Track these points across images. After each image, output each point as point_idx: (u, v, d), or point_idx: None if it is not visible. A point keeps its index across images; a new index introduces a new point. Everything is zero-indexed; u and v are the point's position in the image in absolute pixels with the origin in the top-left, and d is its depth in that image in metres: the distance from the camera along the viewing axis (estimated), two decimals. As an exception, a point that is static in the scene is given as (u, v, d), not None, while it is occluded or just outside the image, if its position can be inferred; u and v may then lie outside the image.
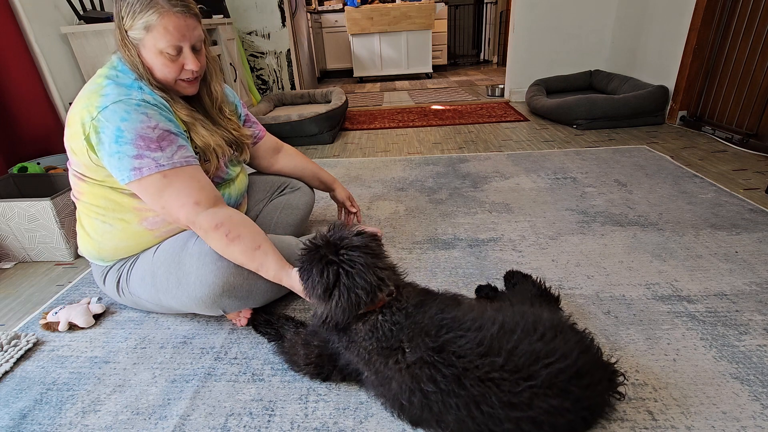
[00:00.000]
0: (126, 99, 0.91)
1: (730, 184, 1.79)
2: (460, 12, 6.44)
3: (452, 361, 0.71)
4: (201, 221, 0.94)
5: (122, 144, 0.90)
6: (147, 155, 0.91)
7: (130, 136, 0.90)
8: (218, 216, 0.95)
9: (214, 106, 1.12)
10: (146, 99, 0.94)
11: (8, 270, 1.50)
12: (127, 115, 0.90)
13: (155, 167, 0.91)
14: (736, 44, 2.28)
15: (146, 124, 0.91)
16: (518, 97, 3.69)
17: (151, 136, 0.91)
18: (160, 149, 0.92)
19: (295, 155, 1.46)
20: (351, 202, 1.53)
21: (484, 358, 0.69)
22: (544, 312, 0.81)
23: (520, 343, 0.71)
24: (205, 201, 0.96)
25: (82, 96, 0.95)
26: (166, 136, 0.93)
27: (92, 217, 1.05)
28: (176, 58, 0.95)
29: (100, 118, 0.90)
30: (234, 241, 0.94)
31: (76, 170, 1.01)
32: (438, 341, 0.74)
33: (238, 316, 1.11)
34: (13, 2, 1.93)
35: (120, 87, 0.93)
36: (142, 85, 0.96)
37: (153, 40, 0.92)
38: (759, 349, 0.95)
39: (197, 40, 0.97)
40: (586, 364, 0.70)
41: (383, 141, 2.80)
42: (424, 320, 0.78)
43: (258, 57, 3.83)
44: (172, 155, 0.93)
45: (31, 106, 1.99)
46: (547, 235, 1.49)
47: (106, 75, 0.96)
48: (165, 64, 0.94)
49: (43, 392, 0.96)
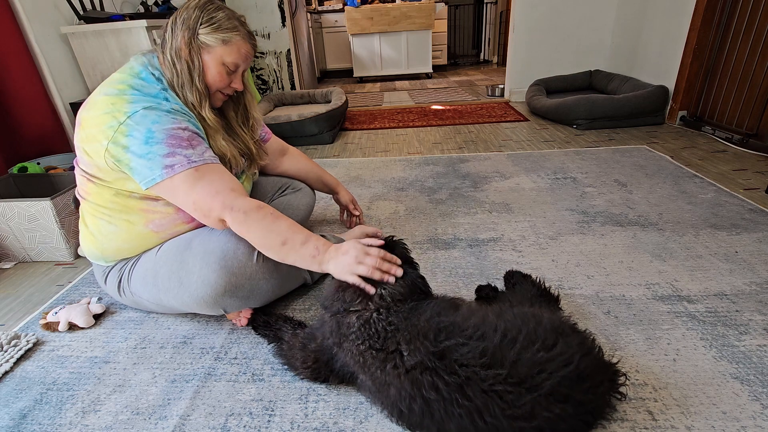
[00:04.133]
0: (156, 106, 0.94)
1: (730, 184, 1.79)
2: (460, 12, 6.44)
3: (455, 369, 0.69)
4: (241, 204, 0.94)
5: (153, 144, 0.91)
6: (179, 152, 0.92)
7: (162, 137, 0.91)
8: (256, 201, 0.97)
9: (240, 122, 1.19)
10: (174, 108, 0.97)
11: (8, 270, 1.50)
12: (158, 118, 0.92)
13: (187, 163, 0.93)
14: (736, 44, 2.28)
15: (177, 125, 0.94)
16: (518, 97, 3.69)
17: (182, 136, 0.94)
18: (191, 147, 0.94)
19: (300, 158, 1.47)
20: (354, 205, 1.53)
21: (488, 370, 0.68)
22: (545, 313, 0.80)
23: (522, 351, 0.70)
24: (240, 189, 0.98)
25: (101, 100, 0.93)
26: (195, 137, 0.97)
27: (97, 218, 1.05)
28: (231, 73, 1.05)
29: (129, 122, 0.90)
30: (280, 218, 0.96)
31: (86, 171, 1.00)
32: (439, 347, 0.73)
33: (238, 316, 1.12)
34: (13, 2, 1.93)
35: (146, 96, 0.95)
36: (167, 95, 0.99)
37: (224, 51, 1.01)
38: (759, 349, 0.95)
39: (246, 69, 1.10)
40: (588, 367, 0.70)
41: (383, 141, 2.80)
42: (420, 322, 0.77)
43: (258, 57, 3.83)
44: (202, 153, 0.96)
45: (31, 106, 1.99)
46: (547, 235, 1.49)
47: (129, 83, 0.96)
48: (220, 73, 1.03)
49: (43, 392, 0.96)
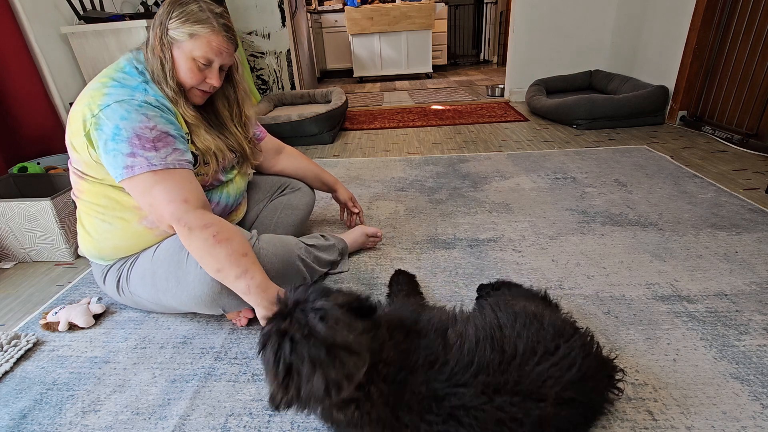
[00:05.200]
0: (128, 99, 0.93)
1: (730, 184, 1.79)
2: (460, 12, 6.43)
3: (464, 419, 0.65)
4: (188, 218, 0.92)
5: (118, 142, 0.91)
6: (140, 154, 0.91)
7: (127, 135, 0.91)
8: (207, 217, 0.94)
9: (235, 120, 1.17)
10: (148, 100, 0.95)
11: (8, 270, 1.50)
12: (127, 114, 0.91)
13: (147, 166, 0.92)
14: (736, 44, 2.28)
15: (144, 124, 0.92)
16: (518, 97, 3.69)
17: (147, 136, 0.92)
18: (154, 149, 0.92)
19: (297, 156, 1.46)
20: (353, 203, 1.53)
21: (493, 401, 0.65)
22: (546, 313, 0.79)
23: (525, 364, 0.67)
24: (195, 201, 0.95)
25: (85, 94, 0.96)
26: (163, 137, 0.94)
27: (92, 216, 1.05)
28: (203, 69, 1.00)
29: (101, 115, 0.91)
30: (222, 242, 0.90)
31: (77, 168, 1.01)
32: (443, 413, 0.65)
33: (238, 316, 1.12)
34: (13, 2, 1.93)
35: (124, 88, 0.95)
36: (147, 87, 0.97)
37: (192, 46, 0.97)
38: (759, 349, 0.95)
39: (226, 63, 1.04)
40: (590, 369, 0.70)
41: (383, 141, 2.80)
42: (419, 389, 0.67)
43: (258, 57, 3.83)
44: (165, 156, 0.94)
45: (31, 106, 1.99)
46: (547, 235, 1.49)
47: (112, 76, 0.97)
48: (191, 70, 0.99)
49: (43, 392, 0.95)
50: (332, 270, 1.33)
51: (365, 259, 1.41)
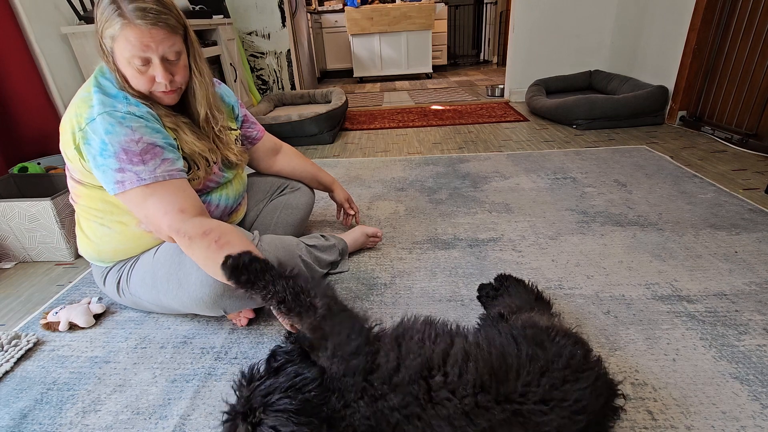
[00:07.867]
0: (111, 111, 0.90)
1: (729, 184, 1.79)
2: (460, 12, 6.43)
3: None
4: (187, 228, 0.90)
5: (106, 157, 0.89)
6: (129, 169, 0.90)
7: (113, 150, 0.89)
8: (206, 224, 0.92)
9: (207, 124, 1.07)
10: (131, 111, 0.92)
11: (8, 270, 1.50)
12: (111, 128, 0.89)
13: (137, 181, 0.90)
14: (736, 44, 2.28)
15: (130, 137, 0.90)
16: (518, 97, 3.69)
17: (134, 150, 0.90)
18: (142, 162, 0.90)
19: (294, 156, 1.45)
20: (350, 203, 1.53)
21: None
22: (554, 349, 0.71)
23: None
24: (191, 210, 0.93)
25: (74, 104, 0.94)
26: (150, 149, 0.92)
27: (90, 220, 1.05)
28: (145, 69, 0.91)
29: (87, 129, 0.90)
30: (224, 247, 0.87)
31: (73, 174, 1.01)
32: None
33: (238, 317, 1.12)
34: (13, 2, 1.93)
35: (106, 97, 0.92)
36: (127, 94, 0.94)
37: (119, 50, 0.89)
38: (759, 349, 0.95)
39: (169, 52, 0.91)
40: (596, 411, 0.67)
41: (383, 141, 2.80)
42: None
43: (258, 57, 3.83)
44: (154, 169, 0.92)
45: (31, 106, 1.99)
46: (546, 235, 1.49)
47: (94, 83, 0.95)
48: (134, 75, 0.92)
49: (44, 392, 0.96)
50: (332, 270, 1.33)
51: (365, 259, 1.41)
